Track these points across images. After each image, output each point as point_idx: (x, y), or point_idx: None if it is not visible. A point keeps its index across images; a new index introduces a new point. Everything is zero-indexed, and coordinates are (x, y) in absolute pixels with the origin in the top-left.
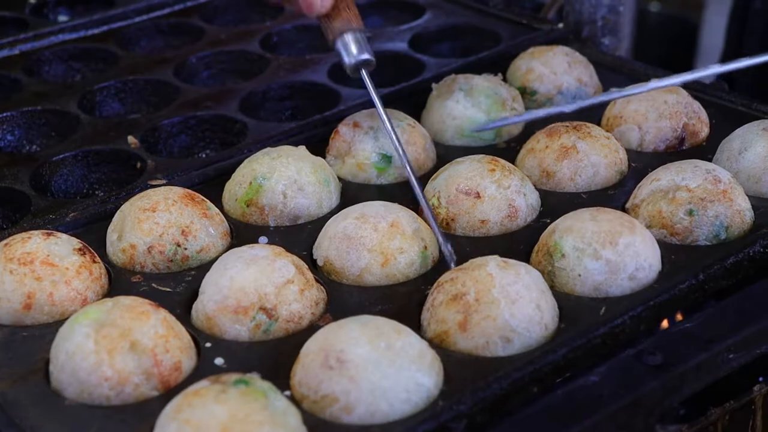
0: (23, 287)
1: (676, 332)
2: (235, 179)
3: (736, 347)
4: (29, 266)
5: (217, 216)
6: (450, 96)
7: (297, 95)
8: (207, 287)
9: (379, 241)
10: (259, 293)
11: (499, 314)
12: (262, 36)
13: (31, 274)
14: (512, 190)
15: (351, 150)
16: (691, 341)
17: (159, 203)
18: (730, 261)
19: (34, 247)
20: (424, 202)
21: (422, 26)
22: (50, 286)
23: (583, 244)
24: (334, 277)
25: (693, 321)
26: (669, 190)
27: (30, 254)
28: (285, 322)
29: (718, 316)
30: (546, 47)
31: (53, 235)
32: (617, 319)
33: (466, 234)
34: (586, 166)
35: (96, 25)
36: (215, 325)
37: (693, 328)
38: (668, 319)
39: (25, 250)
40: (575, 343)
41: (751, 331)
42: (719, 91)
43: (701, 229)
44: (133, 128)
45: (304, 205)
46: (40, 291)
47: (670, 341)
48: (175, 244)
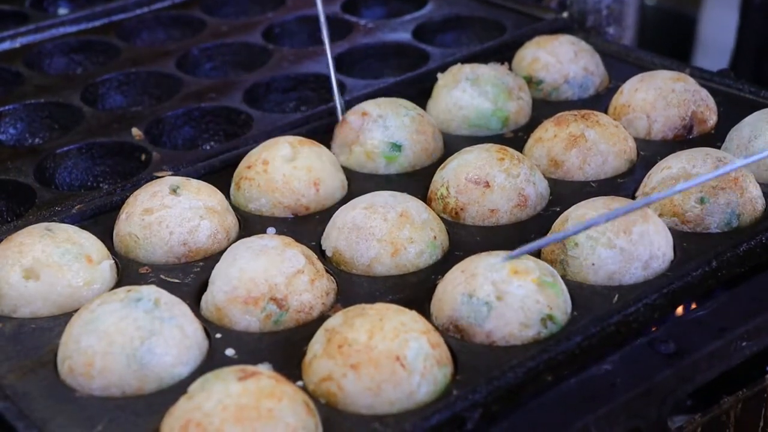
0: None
1: (689, 320)
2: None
3: (749, 335)
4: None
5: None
6: (456, 85)
7: (301, 86)
8: (217, 278)
9: (388, 231)
10: (269, 283)
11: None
12: (265, 28)
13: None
14: (522, 179)
15: (359, 138)
16: (703, 329)
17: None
18: (743, 248)
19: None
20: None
21: (426, 16)
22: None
23: (596, 233)
24: (344, 268)
25: (705, 309)
26: (680, 178)
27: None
28: (295, 312)
29: (731, 303)
30: (551, 36)
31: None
32: (631, 306)
33: (475, 224)
34: (595, 155)
35: (97, 18)
36: (225, 316)
37: (705, 316)
38: (683, 307)
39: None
40: (589, 331)
41: (763, 319)
42: (727, 79)
43: (713, 216)
44: (136, 120)
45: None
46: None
47: (683, 329)
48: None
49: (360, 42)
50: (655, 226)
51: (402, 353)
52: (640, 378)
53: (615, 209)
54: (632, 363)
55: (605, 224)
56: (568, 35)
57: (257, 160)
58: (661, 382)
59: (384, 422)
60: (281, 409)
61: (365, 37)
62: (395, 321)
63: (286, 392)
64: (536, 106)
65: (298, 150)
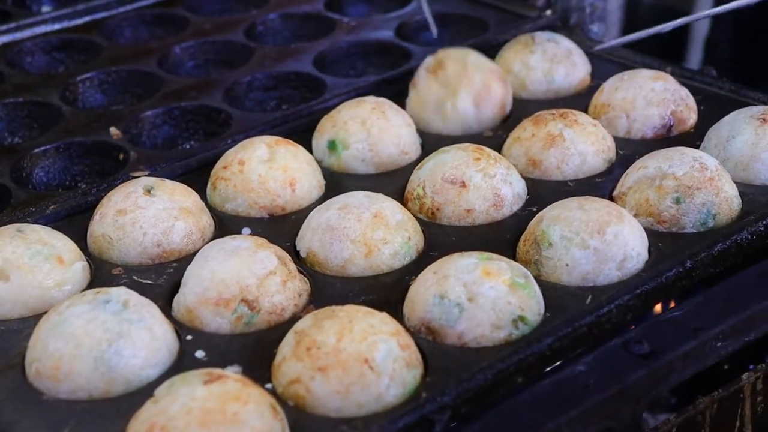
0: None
1: (664, 321)
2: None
3: (724, 335)
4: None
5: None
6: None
7: (282, 85)
8: (188, 279)
9: (362, 232)
10: (240, 285)
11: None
12: (247, 25)
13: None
14: (498, 179)
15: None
16: (678, 329)
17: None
18: (718, 248)
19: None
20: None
21: (409, 14)
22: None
23: (570, 233)
24: (318, 269)
25: (681, 309)
26: (656, 177)
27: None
28: (267, 314)
29: (706, 303)
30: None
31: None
32: (603, 307)
33: (451, 223)
34: (573, 155)
35: (79, 16)
36: (196, 318)
37: (681, 317)
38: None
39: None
40: (560, 332)
41: (739, 319)
42: (707, 78)
43: (688, 216)
44: (116, 119)
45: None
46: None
47: (658, 330)
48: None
49: (342, 40)
50: (629, 226)
51: (371, 355)
52: (613, 379)
53: None
54: (606, 364)
55: (579, 224)
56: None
57: (233, 160)
58: (635, 383)
59: (352, 425)
60: (247, 412)
61: (348, 35)
62: (364, 323)
63: (252, 395)
64: (517, 105)
65: (275, 150)
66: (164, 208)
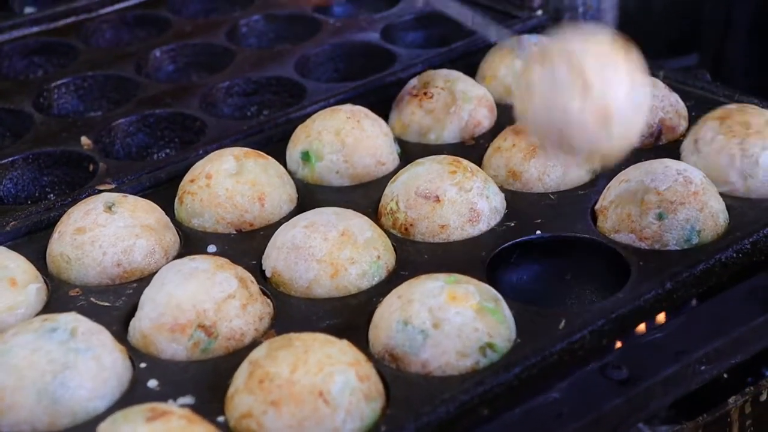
0: None
1: (645, 343)
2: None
3: (708, 359)
4: None
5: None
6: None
7: (263, 90)
8: (144, 303)
9: (328, 251)
10: (197, 310)
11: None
12: (230, 27)
13: None
14: (474, 193)
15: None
16: (659, 353)
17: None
18: (700, 268)
19: None
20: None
21: (396, 15)
22: None
23: None
24: (283, 289)
25: (662, 331)
26: (637, 192)
27: None
28: (225, 339)
29: (690, 324)
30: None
31: None
32: (576, 334)
33: (425, 240)
34: (555, 165)
35: (59, 18)
36: (151, 344)
37: (662, 339)
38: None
39: None
40: (529, 361)
41: (724, 342)
42: (700, 81)
43: (671, 233)
44: (88, 127)
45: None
46: None
47: (638, 353)
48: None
49: (326, 42)
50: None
51: (326, 388)
52: (588, 407)
53: None
54: (581, 391)
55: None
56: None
57: (200, 174)
58: (611, 411)
59: None
60: None
61: (332, 37)
62: (321, 353)
63: None
64: (502, 112)
65: (243, 163)
66: (125, 225)
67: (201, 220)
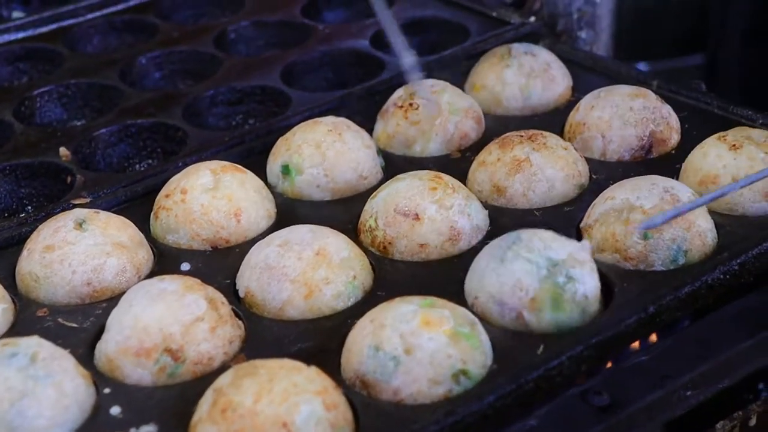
0: None
1: (628, 367)
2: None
3: (695, 383)
4: None
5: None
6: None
7: (248, 99)
8: (111, 326)
9: (302, 271)
10: (163, 333)
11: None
12: (218, 33)
13: None
14: (455, 211)
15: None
16: (643, 378)
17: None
18: (685, 291)
19: None
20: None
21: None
22: None
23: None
24: (256, 310)
25: (647, 354)
26: (623, 210)
27: None
28: (193, 364)
29: (676, 348)
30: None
31: None
32: (554, 360)
33: (404, 259)
34: (541, 181)
35: (45, 23)
36: (117, 368)
37: (647, 363)
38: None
39: None
40: (503, 390)
41: (711, 365)
42: (694, 92)
43: (657, 253)
44: (68, 137)
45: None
46: None
47: (621, 378)
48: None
49: (315, 49)
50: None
51: (290, 419)
52: None
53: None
54: (561, 418)
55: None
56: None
57: (176, 189)
58: None
59: None
60: None
61: (321, 44)
62: (286, 382)
63: None
64: (490, 122)
65: (220, 177)
66: (95, 243)
67: (176, 237)
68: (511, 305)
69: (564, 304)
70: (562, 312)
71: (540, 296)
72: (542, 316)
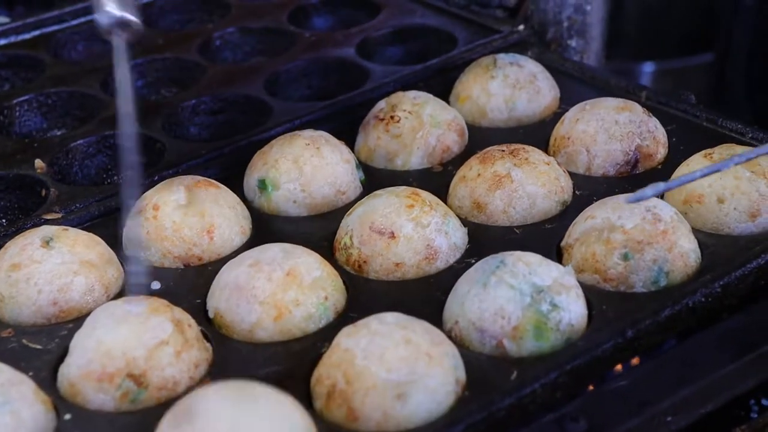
0: None
1: (607, 392)
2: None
3: (675, 409)
4: None
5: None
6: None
7: (230, 108)
8: (74, 348)
9: (272, 293)
10: (126, 358)
11: (376, 378)
12: (203, 40)
13: None
14: (432, 229)
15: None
16: (622, 403)
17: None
18: (665, 314)
19: None
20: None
21: (375, 27)
22: None
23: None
24: (225, 332)
25: (625, 378)
26: (603, 230)
27: None
28: (157, 389)
29: (656, 371)
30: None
31: None
32: (527, 387)
33: (379, 278)
34: (521, 197)
35: (28, 30)
36: (78, 393)
37: (626, 387)
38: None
39: None
40: (473, 418)
41: (692, 390)
42: (683, 104)
43: (637, 275)
44: (45, 149)
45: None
46: None
47: (598, 403)
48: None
49: (299, 57)
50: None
51: None
52: None
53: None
54: None
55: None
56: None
57: (148, 205)
58: None
59: None
60: None
61: (306, 52)
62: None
63: None
64: (475, 135)
65: (194, 193)
66: (62, 262)
67: (147, 254)
68: (491, 333)
69: (547, 333)
70: (545, 341)
71: (522, 325)
72: (524, 344)
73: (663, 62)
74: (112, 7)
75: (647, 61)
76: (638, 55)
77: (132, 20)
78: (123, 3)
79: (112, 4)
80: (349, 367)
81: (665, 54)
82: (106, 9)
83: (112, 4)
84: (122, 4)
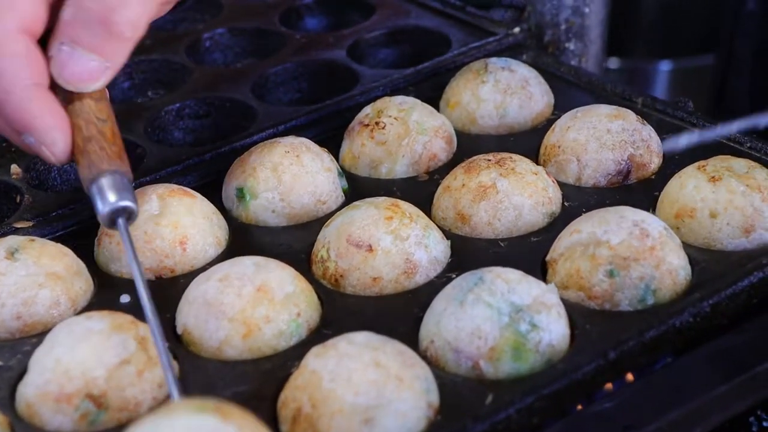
0: None
1: (590, 415)
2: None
3: None
4: None
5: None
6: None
7: (216, 112)
8: (32, 367)
9: (241, 309)
10: (86, 377)
11: (342, 402)
12: (192, 41)
13: None
14: (411, 243)
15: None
16: (605, 427)
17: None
18: (650, 335)
19: None
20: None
21: (368, 29)
22: None
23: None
24: (193, 349)
25: (610, 401)
26: (589, 245)
27: None
28: (117, 411)
29: (641, 393)
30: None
31: None
32: (500, 413)
33: (356, 293)
34: (507, 208)
35: None
36: (36, 414)
37: (611, 410)
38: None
39: None
40: None
41: (680, 413)
42: (680, 111)
43: (623, 292)
44: (22, 153)
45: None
46: None
47: (580, 427)
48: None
49: (289, 60)
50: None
51: None
52: None
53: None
54: None
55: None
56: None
57: None
58: None
59: None
60: None
61: (296, 54)
62: None
63: None
64: (464, 142)
65: (167, 202)
66: (27, 274)
67: (119, 266)
68: (467, 354)
69: (526, 355)
70: (524, 363)
71: (500, 346)
72: (501, 366)
73: (680, 60)
74: (114, 198)
75: (661, 60)
76: (652, 54)
77: (132, 207)
78: (122, 191)
79: (114, 195)
80: (315, 390)
81: (683, 52)
82: (109, 200)
83: (113, 195)
84: (121, 192)
